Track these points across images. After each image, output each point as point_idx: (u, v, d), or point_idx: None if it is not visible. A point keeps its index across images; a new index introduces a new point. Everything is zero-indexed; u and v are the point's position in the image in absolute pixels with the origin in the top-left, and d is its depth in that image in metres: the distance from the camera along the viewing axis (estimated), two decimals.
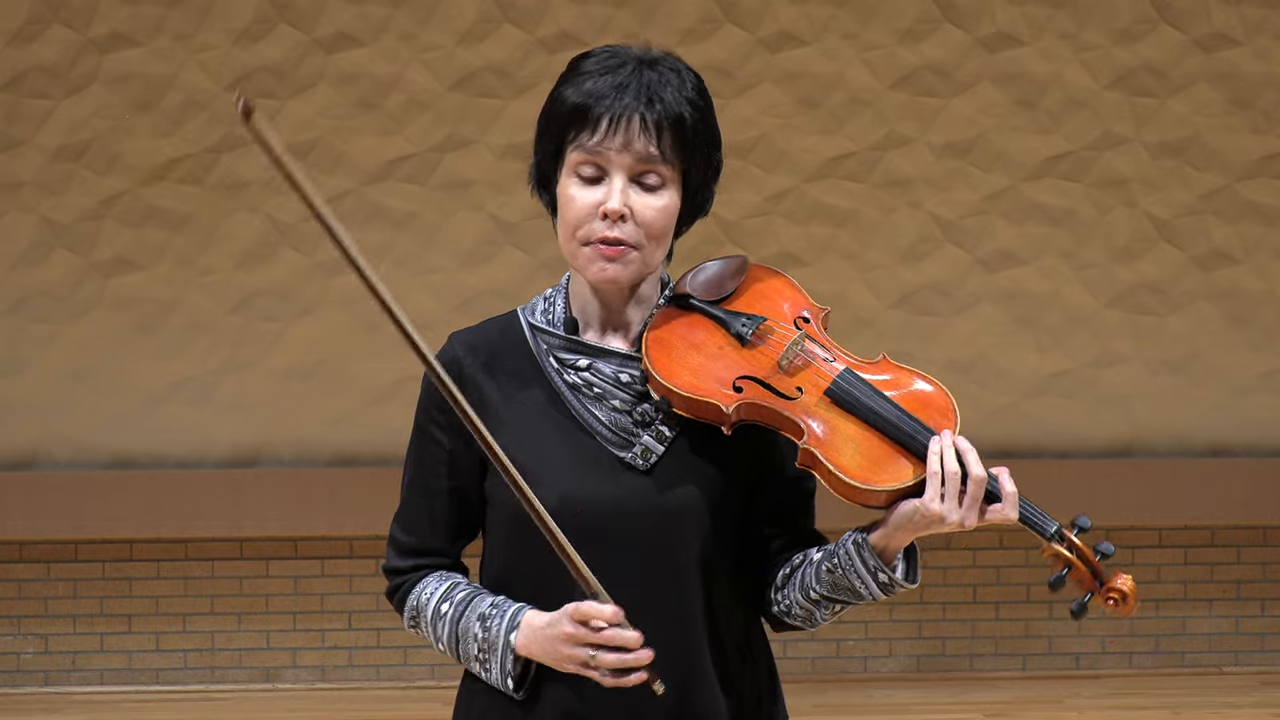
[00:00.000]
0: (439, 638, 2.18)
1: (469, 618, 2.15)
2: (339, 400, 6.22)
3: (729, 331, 2.10)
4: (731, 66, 6.15)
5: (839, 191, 6.20)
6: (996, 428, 6.26)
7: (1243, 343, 6.36)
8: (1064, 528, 2.05)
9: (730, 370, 2.07)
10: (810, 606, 2.12)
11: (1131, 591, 2.01)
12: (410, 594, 2.22)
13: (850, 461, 2.01)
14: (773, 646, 2.24)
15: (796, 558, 2.14)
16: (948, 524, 1.99)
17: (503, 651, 2.12)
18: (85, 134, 6.07)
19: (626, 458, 2.10)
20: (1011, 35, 6.20)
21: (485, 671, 2.14)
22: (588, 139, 2.07)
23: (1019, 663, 6.39)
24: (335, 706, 6.08)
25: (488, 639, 2.13)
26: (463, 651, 2.16)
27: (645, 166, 2.08)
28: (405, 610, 2.23)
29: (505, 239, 6.15)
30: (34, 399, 6.16)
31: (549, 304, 2.19)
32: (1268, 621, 6.42)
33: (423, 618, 2.20)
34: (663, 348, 2.09)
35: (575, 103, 2.07)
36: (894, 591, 2.06)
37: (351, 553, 6.25)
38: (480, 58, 6.11)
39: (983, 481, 1.99)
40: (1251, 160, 6.29)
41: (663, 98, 2.08)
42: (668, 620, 2.09)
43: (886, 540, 2.05)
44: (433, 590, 2.19)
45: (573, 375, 2.13)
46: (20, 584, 6.22)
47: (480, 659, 2.14)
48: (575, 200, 2.09)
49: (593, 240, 2.08)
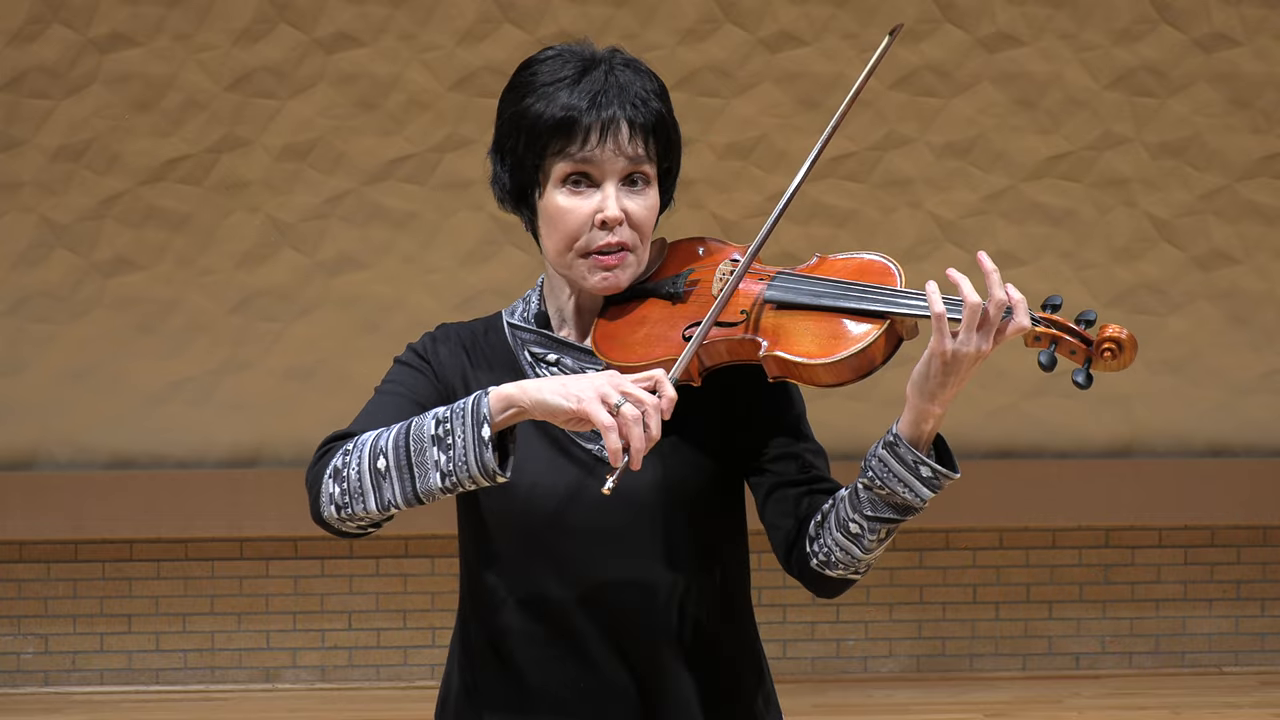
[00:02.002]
0: (380, 451, 1.95)
1: (422, 415, 1.97)
2: (339, 400, 6.21)
3: (662, 296, 2.13)
4: (731, 66, 6.15)
5: (839, 191, 6.20)
6: (996, 428, 6.26)
7: (1243, 343, 6.36)
8: (1037, 311, 1.97)
9: (675, 326, 2.09)
10: (850, 544, 2.02)
11: (1128, 338, 1.89)
12: (347, 442, 2.02)
13: (812, 345, 2.01)
14: (772, 647, 2.24)
15: (825, 505, 2.08)
16: (964, 355, 1.91)
17: (474, 405, 1.92)
18: (85, 134, 6.07)
19: (595, 449, 2.11)
20: (1011, 35, 6.21)
21: (446, 449, 1.92)
22: (576, 149, 2.06)
23: (1019, 663, 6.39)
24: (335, 706, 6.08)
25: (451, 409, 1.94)
26: (414, 441, 1.94)
27: (633, 168, 2.09)
28: (337, 455, 2.00)
29: (505, 239, 6.15)
30: (34, 399, 6.16)
31: (526, 304, 2.21)
32: (1268, 621, 6.41)
33: (359, 445, 1.98)
34: (610, 338, 2.12)
35: (558, 115, 2.06)
36: (940, 488, 1.97)
37: (351, 553, 6.25)
38: (480, 58, 6.11)
39: (1003, 304, 1.90)
40: (1251, 160, 6.29)
41: (642, 99, 2.09)
42: (640, 606, 2.10)
43: (916, 423, 1.98)
44: (375, 431, 2.00)
45: (544, 369, 2.16)
46: (20, 584, 6.22)
47: (440, 433, 1.93)
48: (570, 212, 2.09)
49: (591, 251, 2.09)
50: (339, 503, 1.99)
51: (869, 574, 6.18)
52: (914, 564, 6.35)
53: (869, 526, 2.00)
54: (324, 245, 6.19)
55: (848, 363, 1.99)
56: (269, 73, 6.09)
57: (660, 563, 2.11)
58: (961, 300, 1.91)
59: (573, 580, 2.09)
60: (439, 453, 1.93)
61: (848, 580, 2.07)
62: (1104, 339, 1.91)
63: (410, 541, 6.26)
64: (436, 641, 6.26)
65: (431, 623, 6.28)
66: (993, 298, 1.90)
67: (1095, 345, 1.91)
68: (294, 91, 6.10)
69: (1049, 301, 1.95)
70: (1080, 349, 1.92)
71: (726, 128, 6.13)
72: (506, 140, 2.12)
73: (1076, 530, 6.37)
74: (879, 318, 1.99)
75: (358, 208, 6.17)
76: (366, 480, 1.97)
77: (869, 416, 5.94)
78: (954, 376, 1.93)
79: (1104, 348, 1.91)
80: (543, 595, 2.11)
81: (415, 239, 6.19)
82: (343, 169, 6.14)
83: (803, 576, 2.11)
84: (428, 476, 1.94)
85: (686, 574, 2.12)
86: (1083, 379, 1.92)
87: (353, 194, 6.16)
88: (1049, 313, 1.95)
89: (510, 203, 2.16)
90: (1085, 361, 1.92)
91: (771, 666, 2.29)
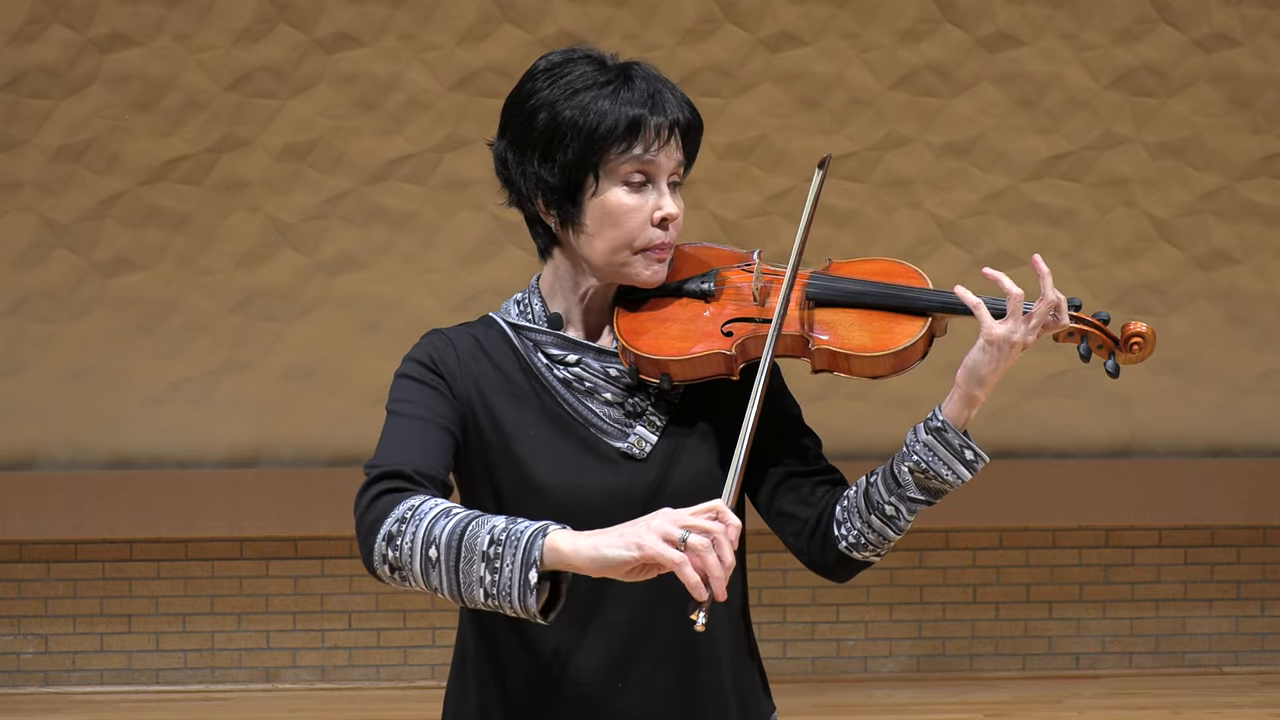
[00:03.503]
0: (433, 541, 1.91)
1: (481, 520, 1.92)
2: (339, 400, 6.22)
3: (691, 295, 2.20)
4: (731, 66, 6.15)
5: (839, 192, 6.20)
6: (997, 428, 6.26)
7: (1243, 343, 6.36)
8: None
9: (713, 322, 2.16)
10: (885, 525, 2.12)
11: (1148, 332, 2.14)
12: (403, 499, 1.97)
13: (863, 339, 2.14)
14: (772, 647, 2.27)
15: (850, 490, 2.16)
16: (1013, 343, 2.06)
17: (528, 541, 1.87)
18: (85, 134, 6.07)
19: (623, 447, 2.15)
20: (1011, 35, 6.21)
21: (493, 572, 1.88)
22: (642, 149, 2.12)
23: (1019, 663, 6.39)
24: (335, 706, 6.08)
25: (508, 532, 1.89)
26: (466, 550, 1.90)
27: (678, 170, 2.17)
28: (393, 512, 1.95)
29: (505, 239, 6.15)
30: (34, 399, 6.16)
31: (523, 306, 2.22)
32: (1268, 621, 6.42)
33: (417, 518, 1.93)
34: (639, 333, 2.16)
35: (629, 115, 2.11)
36: (976, 471, 2.10)
37: (351, 553, 6.25)
38: (480, 58, 6.11)
39: (1053, 304, 2.07)
40: (1251, 160, 6.29)
41: (687, 104, 2.16)
42: (672, 607, 2.11)
43: (961, 409, 2.10)
44: (435, 503, 1.96)
45: (562, 371, 2.17)
46: (20, 584, 6.22)
47: (491, 554, 1.88)
48: (633, 210, 2.14)
49: (650, 247, 2.15)
50: (393, 564, 1.95)
51: (869, 574, 6.19)
52: (914, 564, 6.35)
53: (907, 508, 2.11)
54: (324, 245, 6.19)
55: (900, 356, 2.12)
56: (269, 73, 6.09)
57: None
58: (1004, 295, 2.08)
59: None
60: (486, 572, 1.89)
61: (868, 562, 2.17)
62: (1132, 334, 2.14)
63: None
64: (436, 641, 6.26)
65: (431, 623, 6.28)
66: (1045, 297, 2.07)
67: (1123, 339, 2.15)
68: (294, 91, 6.10)
69: (1069, 303, 2.14)
70: (1107, 343, 2.15)
71: (726, 128, 6.13)
72: (556, 140, 2.13)
73: (1076, 530, 6.37)
74: (921, 314, 2.14)
75: (358, 208, 6.17)
76: (417, 563, 1.93)
77: (869, 416, 5.96)
78: (1001, 363, 2.07)
79: (1132, 341, 2.14)
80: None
81: (415, 239, 6.19)
82: (343, 169, 6.14)
83: (824, 560, 2.18)
84: (473, 590, 1.91)
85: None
86: (1112, 369, 2.15)
87: (353, 194, 6.16)
88: (1075, 312, 2.15)
89: (551, 201, 2.16)
90: (1110, 354, 2.15)
91: (771, 666, 2.31)
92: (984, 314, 2.08)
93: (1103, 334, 2.15)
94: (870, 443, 5.80)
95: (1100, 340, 2.15)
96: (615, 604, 2.13)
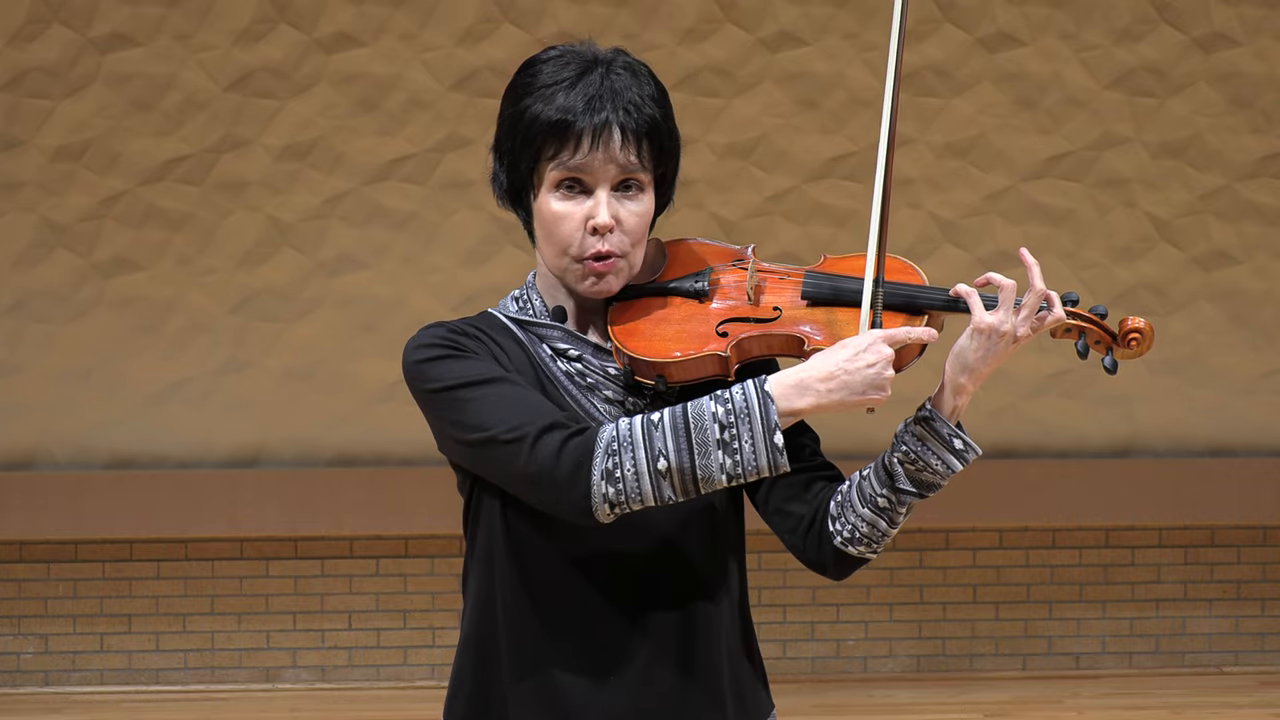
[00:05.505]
0: (660, 453, 1.99)
1: (696, 404, 2.02)
2: (339, 400, 6.22)
3: (685, 294, 2.17)
4: (731, 66, 6.15)
5: (839, 191, 6.20)
6: (996, 428, 6.26)
7: (1243, 343, 6.36)
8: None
9: (707, 322, 2.14)
10: (878, 517, 2.10)
11: (1146, 327, 2.12)
12: (592, 436, 2.02)
13: None
14: (772, 647, 2.27)
15: (843, 486, 2.16)
16: (1003, 333, 2.05)
17: (762, 410, 1.99)
18: (85, 134, 6.07)
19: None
20: (1011, 35, 6.21)
21: (732, 454, 1.99)
22: (569, 156, 2.07)
23: (1019, 663, 6.39)
24: (335, 706, 6.08)
25: (735, 414, 2.00)
26: (698, 446, 1.99)
27: (626, 175, 2.10)
28: (595, 452, 2.00)
29: (505, 239, 6.15)
30: (34, 399, 6.16)
31: (523, 302, 2.21)
32: (1268, 621, 6.42)
33: (634, 431, 2.00)
34: (632, 334, 2.14)
35: (553, 118, 2.06)
36: (967, 462, 2.09)
37: (351, 553, 6.25)
38: (480, 58, 6.11)
39: (1043, 295, 2.06)
40: (1251, 160, 6.29)
41: (636, 105, 2.09)
42: (671, 603, 2.13)
43: (949, 398, 2.09)
44: (627, 424, 2.02)
45: (566, 364, 2.16)
46: (20, 584, 6.22)
47: (725, 438, 1.99)
48: (563, 218, 2.10)
49: (585, 257, 2.11)
50: (614, 501, 2.00)
51: (869, 574, 6.19)
52: (914, 564, 6.35)
53: (898, 500, 2.10)
54: (324, 245, 6.19)
55: (897, 355, 2.09)
56: (269, 73, 6.09)
57: (692, 556, 2.15)
58: (997, 291, 2.07)
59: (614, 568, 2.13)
60: (724, 457, 1.99)
61: (864, 559, 2.15)
62: (1130, 329, 2.12)
63: (410, 541, 6.26)
64: (437, 641, 6.26)
65: (431, 623, 6.28)
66: (1034, 288, 2.05)
67: (1120, 335, 2.12)
68: (294, 91, 6.10)
69: (1067, 298, 2.12)
70: (1105, 339, 2.12)
71: (726, 128, 6.13)
72: (505, 140, 2.13)
73: (1076, 530, 6.37)
74: (918, 312, 2.12)
75: (358, 208, 6.17)
76: (646, 482, 2.00)
77: (868, 416, 5.93)
78: (990, 353, 2.06)
79: (1130, 337, 2.12)
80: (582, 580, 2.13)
81: (415, 239, 6.19)
82: (343, 169, 6.14)
83: (820, 556, 2.17)
84: (711, 478, 2.00)
85: (716, 565, 2.18)
86: (1110, 365, 2.13)
87: (353, 194, 6.16)
88: (1072, 307, 2.13)
89: (508, 202, 2.17)
90: (1107, 350, 2.13)
91: (771, 666, 2.32)
92: (975, 302, 2.05)
93: (1100, 329, 2.12)
94: (869, 442, 5.79)
95: (1098, 336, 2.12)
96: (612, 600, 2.13)
